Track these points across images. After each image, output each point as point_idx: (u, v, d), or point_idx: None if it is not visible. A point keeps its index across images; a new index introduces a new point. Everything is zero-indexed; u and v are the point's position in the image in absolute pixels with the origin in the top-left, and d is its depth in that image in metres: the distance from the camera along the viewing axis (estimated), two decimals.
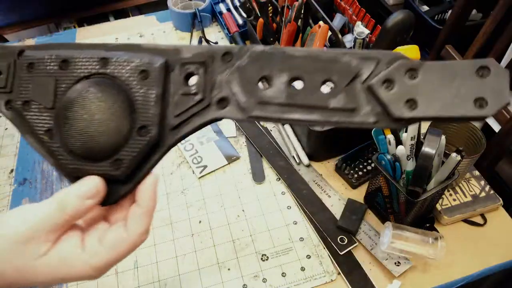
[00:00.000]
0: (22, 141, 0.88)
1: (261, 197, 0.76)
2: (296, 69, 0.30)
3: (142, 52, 0.32)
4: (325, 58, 0.29)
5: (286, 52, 0.30)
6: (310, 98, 0.29)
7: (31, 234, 0.30)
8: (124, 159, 0.32)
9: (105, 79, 0.32)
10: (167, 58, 0.32)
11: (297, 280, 0.65)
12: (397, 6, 1.59)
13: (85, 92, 0.31)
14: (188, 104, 0.32)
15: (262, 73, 0.30)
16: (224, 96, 0.31)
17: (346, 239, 0.69)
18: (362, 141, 0.79)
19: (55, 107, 0.32)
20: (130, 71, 0.32)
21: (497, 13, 1.03)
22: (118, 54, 0.32)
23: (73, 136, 0.31)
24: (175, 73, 0.32)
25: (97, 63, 0.32)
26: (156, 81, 0.31)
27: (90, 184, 0.32)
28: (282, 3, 0.90)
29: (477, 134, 0.72)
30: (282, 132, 0.85)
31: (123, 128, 0.31)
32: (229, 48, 0.31)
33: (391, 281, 0.64)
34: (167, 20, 1.18)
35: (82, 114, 0.31)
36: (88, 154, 0.32)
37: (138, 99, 0.31)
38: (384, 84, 0.28)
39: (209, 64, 0.31)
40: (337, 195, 0.75)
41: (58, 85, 0.32)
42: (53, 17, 1.73)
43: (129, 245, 0.32)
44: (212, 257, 0.68)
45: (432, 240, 0.63)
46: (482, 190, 0.74)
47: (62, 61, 0.32)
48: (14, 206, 0.76)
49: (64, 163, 0.33)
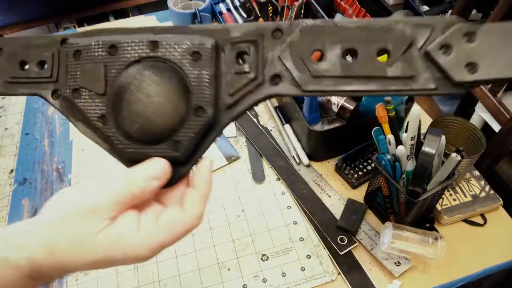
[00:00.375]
0: (22, 141, 0.88)
1: (261, 197, 0.76)
2: (349, 40, 0.29)
3: (191, 33, 0.32)
4: (378, 27, 0.29)
5: (337, 24, 0.30)
6: (366, 68, 0.29)
7: (93, 207, 0.30)
8: (182, 140, 0.32)
9: (158, 62, 0.32)
10: (217, 38, 0.32)
11: (297, 280, 0.65)
12: (397, 6, 1.59)
13: (140, 75, 0.31)
14: (241, 83, 0.32)
15: (315, 47, 0.30)
16: (277, 73, 0.31)
17: (346, 239, 0.69)
18: (362, 141, 0.79)
19: (106, 93, 0.32)
20: (182, 53, 0.32)
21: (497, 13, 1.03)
22: (167, 36, 0.32)
23: (131, 120, 0.31)
24: (226, 53, 0.32)
25: (147, 47, 0.32)
26: (208, 62, 0.31)
27: (157, 165, 0.32)
28: (282, 3, 0.90)
29: (477, 134, 0.72)
30: (282, 132, 0.85)
31: (180, 109, 0.31)
32: (279, 25, 0.31)
33: (391, 281, 0.64)
34: (167, 20, 1.18)
35: (139, 98, 0.31)
36: (146, 137, 0.32)
37: (192, 81, 0.31)
38: (441, 49, 0.28)
39: (259, 42, 0.31)
40: (337, 195, 0.75)
41: (108, 70, 0.32)
42: (53, 17, 1.73)
43: (185, 226, 0.32)
44: (212, 257, 0.68)
45: (432, 240, 0.63)
46: (482, 190, 0.74)
47: (110, 46, 0.32)
48: (14, 206, 0.77)
49: (121, 147, 0.33)
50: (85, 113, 0.33)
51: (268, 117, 0.90)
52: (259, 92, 0.32)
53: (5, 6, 1.60)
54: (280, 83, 0.31)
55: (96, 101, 0.32)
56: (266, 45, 0.31)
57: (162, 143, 0.32)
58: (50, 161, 0.84)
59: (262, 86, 0.32)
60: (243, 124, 0.88)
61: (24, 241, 0.29)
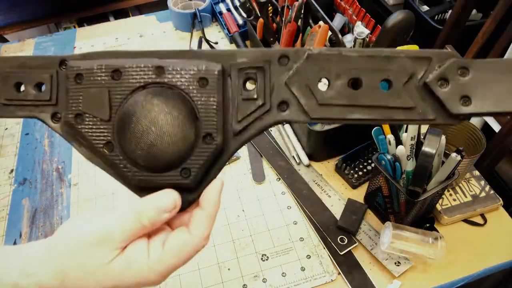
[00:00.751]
0: (22, 141, 0.88)
1: (261, 197, 0.76)
2: (354, 69, 0.30)
3: (196, 58, 0.32)
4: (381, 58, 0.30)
5: (342, 52, 0.31)
6: (370, 98, 0.30)
7: (105, 239, 0.30)
8: (192, 168, 0.32)
9: (164, 89, 0.31)
10: (223, 63, 0.32)
11: (297, 280, 0.65)
12: (397, 6, 1.59)
13: (148, 102, 0.31)
14: (249, 109, 0.32)
15: (321, 75, 0.31)
16: (284, 100, 0.32)
17: (346, 239, 0.69)
18: (362, 141, 0.79)
19: (111, 119, 0.32)
20: (189, 79, 0.31)
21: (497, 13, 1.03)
22: (173, 62, 0.32)
23: (139, 148, 0.31)
24: (233, 79, 0.32)
25: (152, 72, 0.31)
26: (216, 88, 0.31)
27: (169, 198, 0.32)
28: (282, 3, 0.90)
29: (477, 134, 0.72)
30: (282, 132, 0.85)
31: (189, 137, 0.31)
32: (285, 52, 0.32)
33: (391, 281, 0.64)
34: (167, 20, 1.18)
35: (148, 126, 0.30)
36: (154, 165, 0.31)
37: (200, 107, 0.31)
38: (439, 81, 0.29)
39: (266, 68, 0.32)
40: (337, 195, 0.75)
41: (112, 96, 0.32)
42: (53, 17, 1.73)
43: (192, 249, 0.32)
44: (212, 257, 0.68)
45: (432, 240, 0.63)
46: (482, 190, 0.74)
47: (113, 70, 0.32)
48: (14, 206, 0.77)
49: (129, 175, 0.32)
50: (90, 140, 0.32)
51: None
52: (266, 118, 0.32)
53: (5, 6, 1.60)
54: (287, 110, 0.32)
55: (101, 128, 0.32)
56: (273, 71, 0.32)
57: (171, 171, 0.32)
58: (50, 161, 0.84)
59: (270, 112, 0.32)
60: None
61: (35, 267, 0.30)
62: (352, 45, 0.82)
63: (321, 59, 0.31)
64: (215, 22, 1.17)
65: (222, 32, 1.13)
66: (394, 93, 0.30)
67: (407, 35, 0.71)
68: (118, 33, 1.15)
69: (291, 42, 0.89)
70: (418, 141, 0.63)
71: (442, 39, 1.20)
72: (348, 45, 0.84)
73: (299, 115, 0.31)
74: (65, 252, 0.30)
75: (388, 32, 0.70)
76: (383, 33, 0.72)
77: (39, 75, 0.33)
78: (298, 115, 0.31)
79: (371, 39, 0.80)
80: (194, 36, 1.11)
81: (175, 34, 1.14)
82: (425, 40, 1.43)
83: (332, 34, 0.83)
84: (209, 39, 1.09)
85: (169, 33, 1.15)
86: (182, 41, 1.12)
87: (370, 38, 0.80)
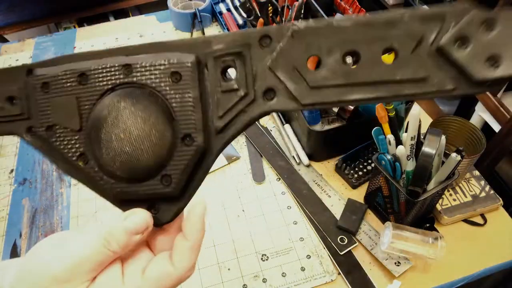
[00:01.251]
0: (22, 141, 0.88)
1: (261, 197, 0.76)
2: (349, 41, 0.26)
3: (167, 51, 0.29)
4: (380, 24, 0.25)
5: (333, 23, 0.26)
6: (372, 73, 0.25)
7: (71, 274, 0.27)
8: (172, 174, 0.29)
9: (134, 89, 0.28)
10: (197, 53, 0.28)
11: (297, 280, 0.65)
12: (397, 6, 1.59)
13: (116, 107, 0.28)
14: (231, 102, 0.28)
15: (310, 53, 0.26)
16: (270, 86, 0.28)
17: (346, 239, 0.69)
18: (362, 141, 0.79)
19: (83, 129, 0.29)
20: (159, 76, 0.28)
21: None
22: (141, 58, 0.28)
23: (112, 158, 0.28)
24: (210, 69, 0.28)
25: (120, 72, 0.28)
26: (190, 82, 0.28)
27: (139, 218, 0.29)
28: (282, 3, 0.90)
29: (477, 134, 0.72)
30: (282, 132, 0.85)
31: (166, 140, 0.28)
32: (266, 30, 0.27)
33: (391, 281, 0.64)
34: (167, 20, 1.18)
35: (118, 133, 0.28)
36: (131, 175, 0.29)
37: (175, 106, 0.28)
38: (456, 42, 0.24)
39: (246, 53, 0.28)
40: (337, 195, 0.75)
41: (81, 103, 0.29)
42: (53, 17, 1.73)
43: (174, 280, 0.29)
44: (212, 257, 0.68)
45: (432, 240, 0.63)
46: (482, 190, 0.74)
47: (79, 75, 0.29)
48: (14, 206, 0.76)
49: (107, 188, 0.29)
50: (63, 153, 0.29)
51: (268, 117, 0.90)
52: (252, 110, 0.28)
53: (5, 6, 1.60)
54: (275, 98, 0.28)
55: (73, 139, 0.29)
56: (254, 56, 0.28)
57: (151, 179, 0.29)
58: None
59: (254, 103, 0.28)
60: None
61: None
62: None
63: (308, 34, 0.26)
64: (215, 22, 1.17)
65: (222, 32, 1.13)
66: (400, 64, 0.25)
67: None
68: (118, 33, 1.15)
69: None
70: (418, 141, 0.63)
71: None
72: None
73: (289, 103, 0.27)
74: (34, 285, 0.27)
75: None
76: None
77: (7, 88, 0.30)
78: (288, 103, 0.27)
79: None
80: (194, 36, 1.11)
81: (175, 34, 1.14)
82: None
83: None
84: None
85: (169, 33, 1.15)
86: None
87: None
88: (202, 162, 0.30)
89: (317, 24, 0.26)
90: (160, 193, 0.29)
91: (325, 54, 0.26)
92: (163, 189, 0.29)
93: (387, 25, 0.25)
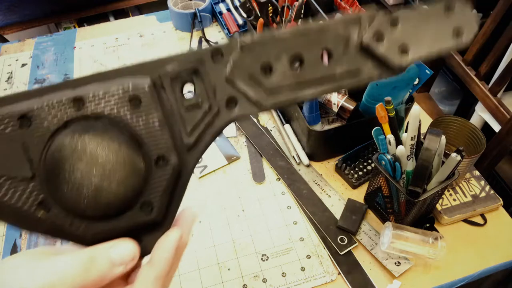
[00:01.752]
0: None
1: (261, 197, 0.76)
2: (292, 48, 0.29)
3: (118, 77, 0.28)
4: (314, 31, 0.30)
5: (275, 35, 0.29)
6: (316, 71, 0.29)
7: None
8: (152, 199, 0.28)
9: (90, 121, 0.27)
10: (151, 75, 0.28)
11: (297, 280, 0.65)
12: (397, 6, 1.59)
13: (80, 142, 0.26)
14: (197, 117, 0.29)
15: (261, 61, 0.29)
16: (231, 96, 0.29)
17: (346, 239, 0.69)
18: (362, 141, 0.79)
19: (36, 175, 0.26)
20: (117, 103, 0.27)
21: (497, 13, 1.03)
22: (91, 88, 0.27)
23: (84, 197, 0.26)
24: (167, 89, 0.28)
25: (70, 106, 0.26)
26: (152, 104, 0.27)
27: (127, 249, 0.27)
28: (282, 3, 0.90)
29: (477, 134, 0.72)
30: (282, 132, 0.85)
31: (139, 167, 0.27)
32: (216, 47, 0.29)
33: (391, 281, 0.64)
34: (167, 20, 1.18)
35: (87, 169, 0.26)
36: (107, 210, 0.27)
37: (140, 131, 0.27)
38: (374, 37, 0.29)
39: (201, 69, 0.29)
40: (337, 195, 0.75)
41: (28, 148, 0.26)
42: (53, 17, 1.73)
43: None
44: (212, 257, 0.68)
45: (432, 240, 0.63)
46: (482, 190, 0.74)
47: (19, 118, 0.26)
48: None
49: (80, 233, 0.27)
50: (17, 207, 0.26)
51: (268, 117, 0.90)
52: (217, 122, 0.29)
53: (5, 6, 1.60)
54: (237, 106, 0.29)
55: (27, 188, 0.26)
56: (209, 71, 0.29)
57: (129, 211, 0.27)
58: None
59: (219, 114, 0.29)
60: (243, 124, 0.88)
61: None
62: None
63: (257, 46, 0.29)
64: (215, 22, 1.17)
65: (222, 32, 1.13)
66: (337, 61, 0.30)
67: None
68: (118, 33, 1.15)
69: None
70: (418, 141, 0.63)
71: None
72: None
73: (251, 108, 0.29)
74: None
75: None
76: None
77: None
78: (250, 108, 0.29)
79: None
80: (194, 36, 1.11)
81: (175, 34, 1.14)
82: None
83: None
84: (209, 39, 1.09)
85: (169, 33, 1.15)
86: (182, 41, 1.12)
87: None
88: (179, 180, 0.29)
89: (261, 37, 0.29)
90: (142, 222, 0.28)
91: (274, 61, 0.29)
92: (145, 217, 0.28)
93: (320, 32, 0.30)
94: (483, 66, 1.08)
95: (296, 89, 0.29)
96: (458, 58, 1.16)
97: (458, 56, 1.16)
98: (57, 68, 1.05)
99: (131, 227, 0.28)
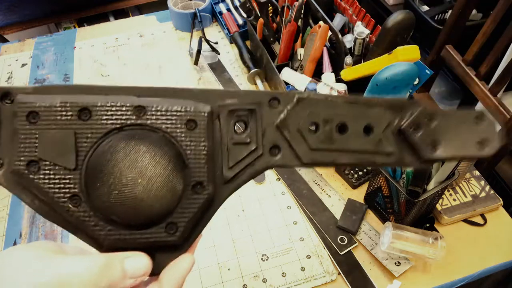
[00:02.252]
0: None
1: (261, 197, 0.76)
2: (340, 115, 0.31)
3: (181, 97, 0.29)
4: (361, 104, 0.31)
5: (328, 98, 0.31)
6: (356, 143, 0.31)
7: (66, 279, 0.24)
8: (179, 222, 0.28)
9: (146, 131, 0.27)
10: (211, 104, 0.29)
11: (297, 280, 0.65)
12: (397, 6, 1.59)
13: (134, 150, 0.26)
14: (241, 155, 0.30)
15: (312, 119, 0.30)
16: (276, 144, 0.30)
17: (346, 239, 0.69)
18: None
19: (78, 167, 0.27)
20: (175, 122, 0.28)
21: (497, 13, 1.03)
22: (155, 101, 0.28)
23: (119, 203, 0.26)
24: (222, 121, 0.30)
25: (131, 112, 0.27)
26: (205, 131, 0.28)
27: (141, 264, 0.27)
28: (282, 3, 0.90)
29: None
30: None
31: (177, 187, 0.27)
32: (276, 94, 0.30)
33: (391, 281, 0.64)
34: (167, 20, 1.18)
35: (134, 177, 0.26)
36: (135, 221, 0.27)
37: (188, 153, 0.28)
38: (412, 127, 0.31)
39: (258, 110, 0.30)
40: (337, 195, 0.75)
41: (80, 139, 0.27)
42: (53, 17, 1.73)
43: None
44: (212, 257, 0.68)
45: (432, 240, 0.63)
46: (482, 190, 0.74)
47: (81, 109, 0.27)
48: (14, 206, 0.76)
49: (102, 234, 0.27)
50: (48, 193, 0.27)
51: None
52: (258, 163, 0.30)
53: (5, 6, 1.60)
54: (279, 154, 0.30)
55: (65, 178, 0.27)
56: (264, 114, 0.30)
57: (154, 227, 0.28)
58: None
59: (262, 157, 0.30)
60: None
61: None
62: (352, 45, 0.82)
63: (311, 104, 0.30)
64: (215, 22, 1.17)
65: (222, 32, 1.13)
66: (375, 139, 0.31)
67: (407, 35, 0.71)
68: (118, 33, 1.15)
69: (291, 42, 0.89)
70: None
71: (442, 39, 1.20)
72: (348, 45, 0.84)
73: (292, 160, 0.30)
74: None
75: (388, 32, 0.71)
76: (383, 33, 0.72)
77: None
78: (291, 160, 0.30)
79: (371, 39, 0.80)
80: (194, 36, 1.11)
81: (175, 34, 1.14)
82: (425, 40, 1.43)
83: (332, 34, 0.83)
84: (209, 39, 1.09)
85: (169, 33, 1.15)
86: (182, 41, 1.12)
87: (370, 38, 0.80)
88: (208, 209, 0.30)
89: (316, 96, 0.31)
90: (162, 241, 0.28)
91: (322, 123, 0.31)
92: (166, 238, 0.28)
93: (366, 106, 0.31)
94: (483, 66, 1.08)
95: (334, 154, 0.31)
96: (458, 58, 1.16)
97: (458, 56, 1.16)
98: (57, 68, 1.05)
99: (150, 243, 0.28)
